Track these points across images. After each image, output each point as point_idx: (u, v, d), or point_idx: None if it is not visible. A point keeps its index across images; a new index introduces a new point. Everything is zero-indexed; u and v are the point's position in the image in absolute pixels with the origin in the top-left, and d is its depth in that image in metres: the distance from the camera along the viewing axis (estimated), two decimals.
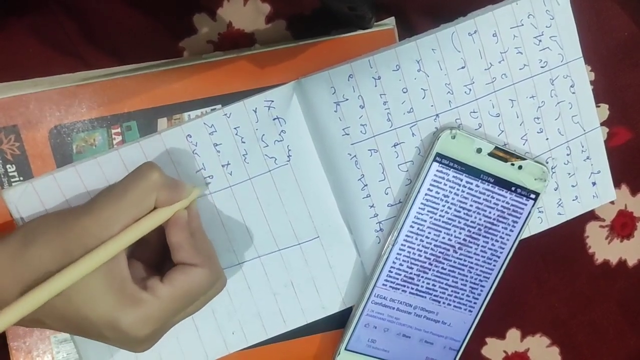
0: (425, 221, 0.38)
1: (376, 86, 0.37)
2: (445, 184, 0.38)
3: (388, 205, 0.38)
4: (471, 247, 0.39)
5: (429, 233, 0.38)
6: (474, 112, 0.38)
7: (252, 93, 0.37)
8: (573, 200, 0.41)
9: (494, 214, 0.39)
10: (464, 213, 0.38)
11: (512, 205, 0.39)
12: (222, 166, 0.37)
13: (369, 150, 0.37)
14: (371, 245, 0.39)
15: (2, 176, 0.37)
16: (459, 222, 0.38)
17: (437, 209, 0.38)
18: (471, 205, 0.38)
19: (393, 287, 0.39)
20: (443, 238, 0.39)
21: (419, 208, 0.38)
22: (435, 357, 0.41)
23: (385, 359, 0.40)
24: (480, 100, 0.38)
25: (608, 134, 0.44)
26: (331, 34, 0.40)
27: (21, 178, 0.37)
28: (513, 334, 0.45)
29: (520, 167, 0.38)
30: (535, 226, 0.41)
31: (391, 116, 0.37)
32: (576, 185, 0.41)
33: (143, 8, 0.39)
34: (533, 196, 0.39)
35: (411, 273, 0.39)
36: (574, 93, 0.40)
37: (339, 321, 0.40)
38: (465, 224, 0.39)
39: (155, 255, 0.34)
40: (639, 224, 0.45)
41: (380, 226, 0.39)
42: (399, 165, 0.38)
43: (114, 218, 0.30)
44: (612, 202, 0.44)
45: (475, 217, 0.39)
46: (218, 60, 0.38)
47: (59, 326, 0.30)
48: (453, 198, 0.38)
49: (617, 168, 0.42)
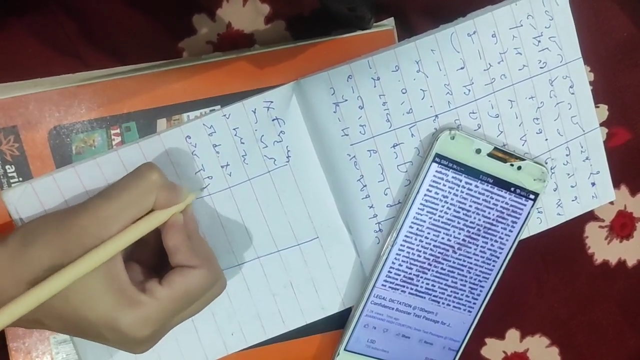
0: (424, 222, 0.38)
1: (375, 87, 0.37)
2: (444, 185, 0.38)
3: (387, 205, 0.38)
4: (470, 248, 0.39)
5: (428, 233, 0.38)
6: (473, 113, 0.38)
7: (252, 94, 0.37)
8: (572, 200, 0.41)
9: (493, 215, 0.39)
10: (463, 213, 0.38)
11: (512, 205, 0.39)
12: (222, 167, 0.37)
13: (368, 150, 0.37)
14: (370, 245, 0.39)
15: (2, 177, 0.37)
16: (458, 223, 0.38)
17: (437, 210, 0.38)
18: (470, 205, 0.38)
19: (392, 288, 0.39)
20: (442, 238, 0.39)
21: (418, 208, 0.38)
22: (434, 358, 0.41)
23: None
24: (479, 100, 0.38)
25: (607, 135, 0.44)
26: (330, 35, 0.39)
27: (20, 179, 0.37)
28: (512, 334, 0.45)
29: (519, 168, 0.38)
30: (534, 226, 0.41)
31: (390, 117, 0.37)
32: (575, 185, 0.41)
33: (143, 8, 0.39)
34: (532, 197, 0.39)
35: (410, 273, 0.39)
36: (573, 94, 0.40)
37: (339, 322, 0.40)
38: (464, 225, 0.39)
39: (154, 258, 0.34)
40: (639, 225, 0.45)
41: (379, 227, 0.39)
42: (398, 165, 0.38)
43: (113, 217, 0.30)
44: (612, 203, 0.44)
45: (474, 218, 0.39)
46: (217, 60, 0.38)
47: (58, 326, 0.30)
48: (452, 198, 0.38)
49: (617, 168, 0.42)
